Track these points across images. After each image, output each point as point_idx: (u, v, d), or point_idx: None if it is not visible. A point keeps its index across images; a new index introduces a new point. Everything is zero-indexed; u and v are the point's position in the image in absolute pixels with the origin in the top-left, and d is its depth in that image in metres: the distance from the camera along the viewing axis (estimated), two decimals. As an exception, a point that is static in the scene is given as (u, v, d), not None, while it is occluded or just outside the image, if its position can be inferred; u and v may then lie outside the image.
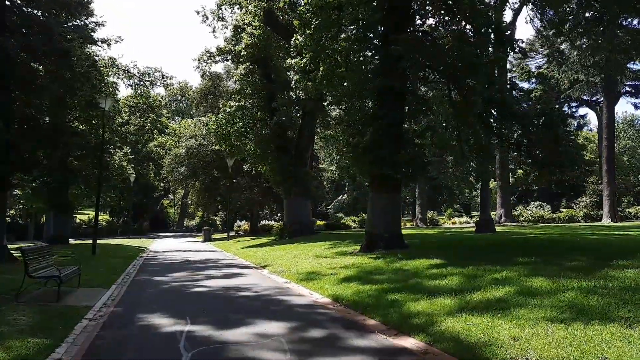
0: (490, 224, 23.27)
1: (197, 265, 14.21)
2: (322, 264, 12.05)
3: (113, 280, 10.61)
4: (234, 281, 10.39)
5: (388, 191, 13.83)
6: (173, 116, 62.60)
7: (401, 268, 9.48)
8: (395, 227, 14.07)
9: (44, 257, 8.41)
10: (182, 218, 64.43)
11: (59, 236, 23.11)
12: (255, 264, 14.45)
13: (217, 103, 34.78)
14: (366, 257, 12.29)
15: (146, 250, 23.13)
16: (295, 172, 24.23)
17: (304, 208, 25.21)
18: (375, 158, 13.21)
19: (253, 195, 36.26)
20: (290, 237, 23.46)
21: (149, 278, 11.23)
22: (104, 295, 8.37)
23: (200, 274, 11.84)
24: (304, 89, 15.71)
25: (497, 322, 5.18)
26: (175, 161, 38.20)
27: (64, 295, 7.97)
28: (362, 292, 7.62)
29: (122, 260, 15.65)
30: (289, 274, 11.13)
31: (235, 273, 12.10)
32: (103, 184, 26.08)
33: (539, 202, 49.91)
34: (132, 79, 26.68)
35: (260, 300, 7.86)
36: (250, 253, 18.18)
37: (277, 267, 12.69)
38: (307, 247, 17.44)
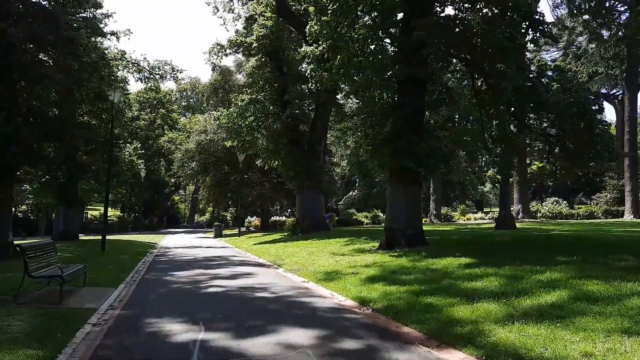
0: (510, 220, 22.42)
1: (209, 263, 13.64)
2: (341, 262, 11.39)
3: (121, 278, 10.05)
4: (248, 280, 9.76)
5: (408, 184, 13.10)
6: (184, 112, 62.27)
7: (429, 267, 8.76)
8: (417, 222, 13.34)
9: (47, 255, 7.84)
10: (193, 214, 64.24)
11: (68, 232, 22.78)
12: (269, 261, 13.84)
13: (227, 97, 34.18)
14: (387, 255, 11.59)
15: (157, 246, 22.67)
16: (308, 166, 23.58)
17: (316, 203, 24.55)
18: (395, 149, 12.49)
19: (264, 190, 35.72)
20: (303, 233, 22.85)
21: (158, 276, 10.66)
22: (111, 296, 7.79)
23: (213, 272, 11.24)
24: (319, 79, 15.00)
25: (558, 334, 4.47)
26: (185, 156, 37.76)
27: (68, 296, 7.40)
28: (390, 295, 6.93)
29: (132, 257, 15.14)
30: (306, 273, 10.48)
31: (249, 271, 11.48)
32: (114, 179, 25.74)
33: (554, 198, 48.69)
34: (142, 72, 26.21)
35: (280, 302, 7.21)
36: (263, 250, 17.58)
37: (292, 265, 12.05)
38: (321, 243, 16.80)
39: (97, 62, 14.74)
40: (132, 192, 50.20)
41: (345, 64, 13.69)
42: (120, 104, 21.47)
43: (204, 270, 11.76)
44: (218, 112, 24.99)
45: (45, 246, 8.06)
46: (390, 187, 13.53)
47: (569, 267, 7.44)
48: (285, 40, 24.67)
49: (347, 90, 14.33)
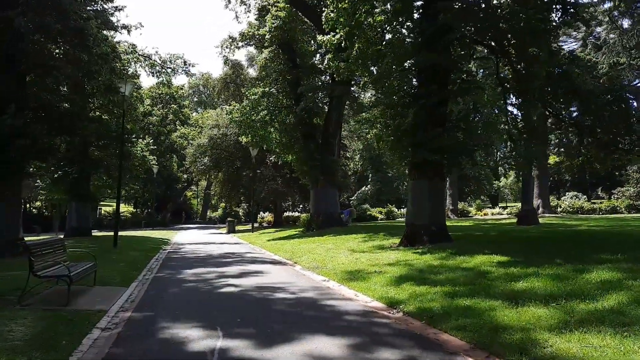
0: (533, 215, 21.65)
1: (223, 260, 13.20)
2: (361, 260, 10.85)
3: (133, 277, 9.65)
4: (266, 279, 9.27)
5: (431, 178, 12.48)
6: (195, 107, 62.09)
7: (459, 266, 8.17)
8: (440, 218, 12.74)
9: (54, 253, 7.43)
10: (205, 210, 64.18)
11: (81, 228, 22.57)
12: (285, 258, 13.35)
13: (239, 91, 33.76)
14: (410, 252, 11.02)
15: (169, 242, 22.37)
16: (322, 160, 23.02)
17: (331, 198, 24.01)
18: (417, 142, 11.89)
19: (277, 185, 35.28)
20: (317, 229, 22.35)
21: (172, 274, 10.23)
22: (122, 296, 7.36)
23: (228, 270, 10.78)
24: (336, 69, 14.41)
25: (629, 346, 3.87)
26: (198, 151, 37.50)
27: (76, 296, 6.99)
28: (421, 296, 6.37)
29: (144, 254, 14.78)
30: (325, 271, 9.97)
31: (265, 269, 11.00)
32: (126, 174, 25.49)
33: (573, 193, 47.51)
34: (154, 67, 25.86)
35: (301, 303, 6.69)
36: (277, 246, 17.11)
37: (310, 263, 11.54)
38: (338, 240, 16.28)
39: (108, 54, 14.34)
40: (145, 188, 50.14)
41: (363, 53, 13.10)
42: (132, 98, 21.11)
43: (218, 267, 11.31)
44: (230, 106, 24.49)
45: (53, 243, 7.65)
46: (412, 181, 12.92)
47: (617, 266, 6.80)
48: (299, 32, 24.10)
49: (364, 81, 13.71)
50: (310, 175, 23.62)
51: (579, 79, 11.21)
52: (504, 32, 11.34)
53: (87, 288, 7.88)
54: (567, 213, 34.59)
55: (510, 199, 66.94)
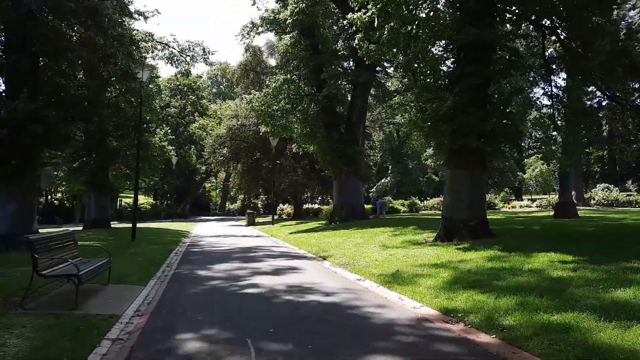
0: (571, 207, 20.30)
1: (246, 255, 12.40)
2: (396, 257, 9.91)
3: (151, 273, 8.90)
4: (294, 277, 8.42)
5: (473, 167, 11.42)
6: (214, 99, 61.57)
7: (520, 268, 7.12)
8: (481, 211, 11.67)
9: (63, 248, 6.69)
10: (224, 201, 63.91)
11: (99, 219, 22.16)
12: (312, 253, 12.49)
13: (258, 79, 32.90)
14: (451, 249, 10.03)
15: (189, 235, 21.77)
16: (346, 150, 22.05)
17: (355, 190, 23.06)
18: (458, 127, 10.81)
19: (297, 177, 34.46)
20: (341, 221, 21.47)
21: (192, 271, 9.45)
22: (138, 297, 6.59)
23: (251, 266, 9.96)
24: (366, 51, 13.36)
25: None
26: (216, 142, 36.88)
27: (87, 297, 6.24)
28: (484, 305, 5.39)
29: (163, 247, 14.11)
30: (358, 269, 9.06)
31: (292, 265, 10.14)
32: (146, 166, 24.97)
33: (604, 185, 45.51)
34: (172, 56, 25.14)
35: (340, 309, 5.80)
36: (302, 240, 16.27)
37: (340, 259, 10.65)
38: (365, 233, 15.35)
39: (124, 36, 13.58)
40: (164, 180, 49.97)
41: (396, 32, 12.02)
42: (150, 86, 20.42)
43: (241, 263, 10.50)
44: (250, 94, 23.64)
45: (62, 238, 6.91)
46: (450, 170, 11.87)
47: None
48: (321, 16, 23.03)
49: (397, 62, 12.65)
50: (334, 166, 22.68)
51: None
52: (556, 6, 10.15)
53: (100, 287, 7.14)
54: (601, 205, 32.89)
55: (534, 191, 64.85)
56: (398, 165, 57.77)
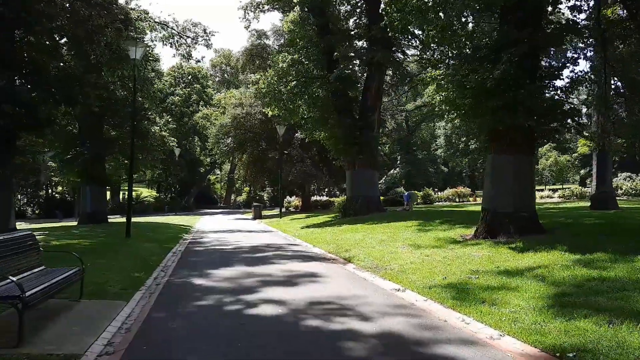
0: (610, 198, 18.43)
1: (255, 255, 10.75)
2: (435, 258, 8.23)
3: (140, 281, 7.27)
4: (316, 289, 6.75)
5: (520, 151, 9.67)
6: (218, 87, 59.78)
7: (627, 279, 5.39)
8: (529, 203, 9.92)
9: (16, 257, 5.04)
10: (230, 194, 62.37)
11: (95, 214, 20.60)
12: (331, 252, 10.82)
13: (264, 65, 31.05)
14: (502, 249, 8.31)
15: (191, 230, 20.19)
16: (361, 138, 20.31)
17: (370, 180, 21.34)
18: (507, 103, 9.04)
19: (305, 168, 32.75)
20: (355, 214, 19.79)
21: (190, 279, 7.79)
22: (115, 321, 4.95)
23: (261, 272, 8.31)
24: (390, 20, 11.56)
25: None
26: (221, 132, 35.20)
27: (43, 325, 4.60)
28: (607, 341, 3.70)
29: (161, 246, 12.49)
30: (391, 274, 7.40)
31: (310, 270, 8.47)
32: (144, 156, 23.39)
33: (626, 174, 43.48)
34: (172, 38, 23.40)
35: (400, 348, 4.11)
36: (315, 236, 14.61)
37: (365, 261, 8.98)
38: (386, 228, 13.65)
39: (110, 2, 11.83)
40: (168, 172, 48.47)
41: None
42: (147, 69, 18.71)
43: (249, 267, 8.84)
44: (257, 75, 21.85)
45: (18, 240, 5.25)
46: (492, 155, 10.11)
47: None
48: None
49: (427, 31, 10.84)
50: (347, 155, 20.96)
51: None
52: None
53: (68, 304, 5.51)
54: (630, 195, 30.97)
55: (548, 182, 62.86)
56: (407, 156, 56.04)
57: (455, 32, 10.19)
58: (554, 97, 9.44)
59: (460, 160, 61.85)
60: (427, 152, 61.82)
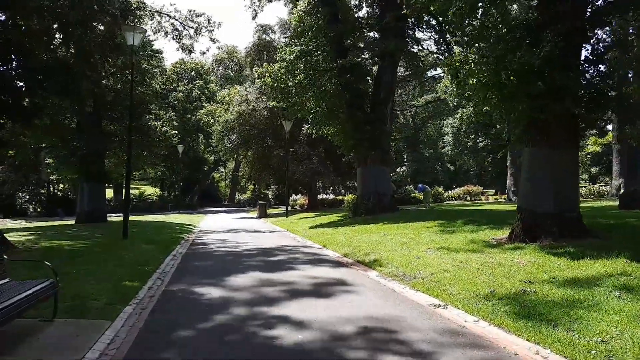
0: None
1: (265, 259, 9.67)
2: (472, 265, 7.15)
3: (131, 293, 6.21)
4: (344, 306, 5.67)
5: (563, 144, 8.55)
6: (222, 82, 58.73)
7: None
8: (573, 202, 8.80)
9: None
10: (234, 192, 61.40)
11: (94, 212, 19.60)
12: (347, 256, 9.73)
13: (271, 59, 29.97)
14: (552, 254, 7.20)
15: (194, 229, 19.17)
16: (373, 132, 19.19)
17: (382, 177, 20.19)
18: (552, 87, 7.91)
19: (312, 165, 31.66)
20: (367, 214, 18.70)
21: (192, 290, 6.71)
22: (91, 352, 3.89)
23: (273, 279, 7.24)
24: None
25: None
26: (225, 128, 34.16)
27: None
28: None
29: (159, 248, 11.42)
30: (424, 285, 6.32)
31: (329, 278, 7.39)
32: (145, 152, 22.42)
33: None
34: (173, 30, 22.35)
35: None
36: (326, 236, 13.54)
37: (390, 267, 7.89)
38: (404, 229, 12.56)
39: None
40: (171, 170, 47.50)
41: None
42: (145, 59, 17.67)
43: (261, 274, 7.77)
44: (263, 68, 20.76)
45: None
46: (531, 149, 8.98)
47: None
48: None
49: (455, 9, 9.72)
50: (358, 151, 19.85)
51: None
52: None
53: (37, 326, 4.46)
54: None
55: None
56: (414, 154, 54.96)
57: (487, 9, 9.06)
58: (605, 80, 8.29)
59: (468, 158, 60.71)
60: (434, 150, 60.77)
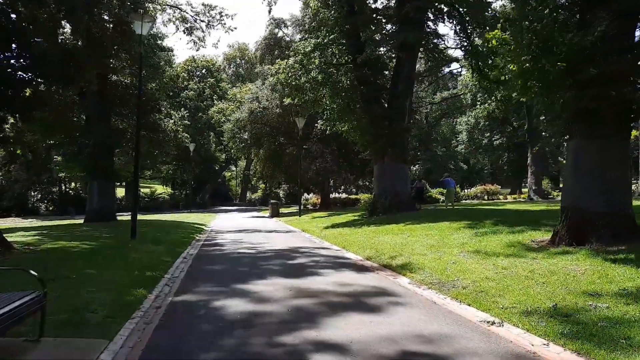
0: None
1: (284, 263, 8.90)
2: (518, 272, 6.32)
3: (135, 303, 5.47)
4: (381, 321, 4.88)
5: (613, 134, 7.65)
6: (233, 80, 58.22)
7: None
8: (626, 199, 7.88)
9: None
10: (245, 191, 60.89)
11: (104, 211, 19.05)
12: (371, 259, 8.92)
13: (283, 55, 29.26)
14: (610, 260, 6.32)
15: (206, 229, 18.51)
16: (391, 128, 18.34)
17: (400, 175, 19.31)
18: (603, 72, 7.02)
19: (326, 163, 30.87)
20: (385, 213, 17.84)
21: (204, 300, 5.96)
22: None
23: (294, 286, 6.47)
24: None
25: None
26: (236, 126, 33.53)
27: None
28: None
29: (169, 249, 10.73)
30: (467, 295, 5.53)
31: (360, 287, 6.59)
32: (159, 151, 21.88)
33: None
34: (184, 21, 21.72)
35: None
36: (345, 237, 12.75)
37: (423, 274, 7.06)
38: (429, 230, 11.70)
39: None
40: (182, 168, 47.10)
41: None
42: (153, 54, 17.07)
43: (282, 280, 7.00)
44: (276, 65, 20.07)
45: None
46: (575, 141, 8.09)
47: None
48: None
49: None
50: (374, 147, 19.01)
51: None
52: None
53: (20, 347, 3.74)
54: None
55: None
56: (427, 152, 53.91)
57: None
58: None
59: (482, 156, 59.46)
60: (447, 149, 59.75)
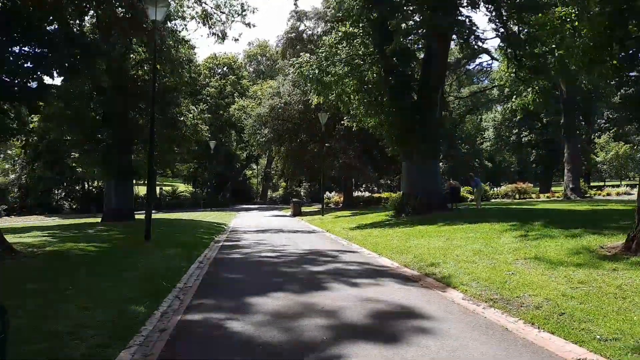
0: None
1: (308, 270, 7.90)
2: (602, 289, 5.20)
3: (135, 325, 4.53)
4: (427, 346, 3.82)
5: None
6: (254, 78, 57.66)
7: None
8: None
9: None
10: (266, 189, 60.30)
11: (120, 210, 18.45)
12: (409, 266, 7.81)
13: (305, 49, 28.29)
14: None
15: (225, 228, 17.70)
16: (422, 123, 17.14)
17: (431, 173, 18.08)
18: None
19: (349, 160, 29.75)
20: (414, 213, 16.67)
21: (215, 324, 5.01)
22: None
23: (326, 304, 5.45)
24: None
25: None
26: (257, 122, 32.74)
27: None
28: None
29: (185, 253, 9.84)
30: (543, 319, 4.45)
31: (398, 302, 5.53)
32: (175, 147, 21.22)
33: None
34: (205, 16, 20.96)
35: None
36: (374, 239, 11.67)
37: (477, 287, 5.95)
38: (469, 232, 10.52)
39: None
40: (204, 166, 46.78)
41: None
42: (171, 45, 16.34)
43: (305, 295, 5.99)
44: (300, 58, 19.10)
45: None
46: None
47: None
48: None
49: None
50: (405, 144, 17.83)
51: None
52: None
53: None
54: None
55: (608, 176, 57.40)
56: (451, 150, 52.22)
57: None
58: None
59: (509, 154, 57.35)
60: (471, 147, 57.97)
